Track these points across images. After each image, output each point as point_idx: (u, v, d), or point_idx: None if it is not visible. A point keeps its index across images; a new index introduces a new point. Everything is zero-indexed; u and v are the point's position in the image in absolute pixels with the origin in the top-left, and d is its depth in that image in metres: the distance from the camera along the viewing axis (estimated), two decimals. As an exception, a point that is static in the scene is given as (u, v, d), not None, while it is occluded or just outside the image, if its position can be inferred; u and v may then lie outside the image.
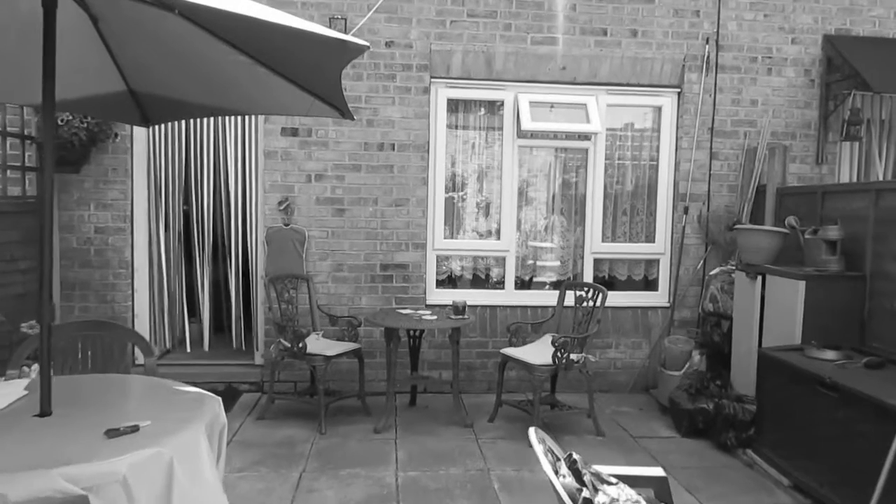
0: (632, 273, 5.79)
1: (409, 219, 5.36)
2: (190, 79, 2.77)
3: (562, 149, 5.69)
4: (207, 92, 2.88)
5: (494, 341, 5.46)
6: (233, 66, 2.53)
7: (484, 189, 5.68)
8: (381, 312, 4.92)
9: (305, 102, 2.74)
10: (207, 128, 5.42)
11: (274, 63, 2.42)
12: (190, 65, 2.66)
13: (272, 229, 5.23)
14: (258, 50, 2.37)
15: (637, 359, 5.63)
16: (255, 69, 2.50)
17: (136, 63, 2.77)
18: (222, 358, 5.57)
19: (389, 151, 5.30)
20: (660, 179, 5.65)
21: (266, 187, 5.25)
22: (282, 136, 5.22)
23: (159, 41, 2.53)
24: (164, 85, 2.88)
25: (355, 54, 2.10)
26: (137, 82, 2.88)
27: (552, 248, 5.76)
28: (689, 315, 5.62)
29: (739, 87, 5.54)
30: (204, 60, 2.59)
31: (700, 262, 5.56)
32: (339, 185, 5.29)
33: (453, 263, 5.69)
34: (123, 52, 2.69)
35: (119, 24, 2.51)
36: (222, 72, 2.66)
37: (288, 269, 5.17)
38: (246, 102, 2.99)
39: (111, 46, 2.64)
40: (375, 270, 5.37)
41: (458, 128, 5.59)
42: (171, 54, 2.63)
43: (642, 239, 5.75)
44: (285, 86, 2.60)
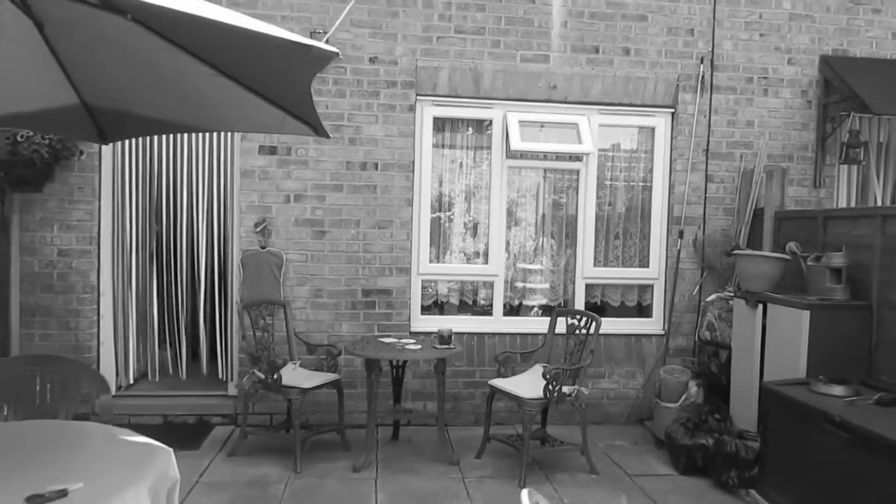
0: (625, 299, 5.57)
1: (393, 242, 5.11)
2: (149, 92, 2.53)
3: (552, 170, 5.48)
4: (169, 107, 2.63)
5: (482, 370, 5.20)
6: (194, 77, 2.29)
7: (471, 211, 5.45)
8: (361, 341, 4.65)
9: (277, 118, 2.50)
10: (181, 145, 5.16)
11: (237, 73, 2.18)
12: (148, 76, 2.41)
13: (248, 252, 4.96)
14: (219, 58, 2.13)
15: (631, 389, 5.38)
16: (218, 80, 2.25)
17: (89, 74, 2.52)
18: (196, 388, 5.25)
19: (372, 171, 5.07)
20: (653, 202, 5.45)
21: (242, 208, 4.99)
22: (259, 154, 4.97)
23: (112, 49, 2.27)
24: (120, 99, 2.63)
25: (324, 61, 1.86)
26: (91, 95, 2.63)
27: (542, 273, 5.53)
28: (685, 343, 5.39)
29: (735, 108, 5.37)
30: (163, 71, 2.35)
31: (696, 288, 5.34)
32: (319, 206, 5.04)
33: (439, 288, 5.44)
34: (73, 61, 2.44)
35: (66, 30, 2.26)
36: (184, 84, 2.41)
37: (264, 295, 4.90)
38: (213, 119, 2.74)
39: (59, 55, 2.39)
40: (357, 296, 5.10)
41: (445, 147, 5.37)
42: (126, 64, 2.38)
43: (636, 263, 5.54)
44: (252, 99, 2.35)
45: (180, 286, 5.30)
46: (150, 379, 5.29)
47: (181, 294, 5.31)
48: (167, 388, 5.23)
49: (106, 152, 4.94)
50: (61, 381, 3.09)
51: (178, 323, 5.29)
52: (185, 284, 5.35)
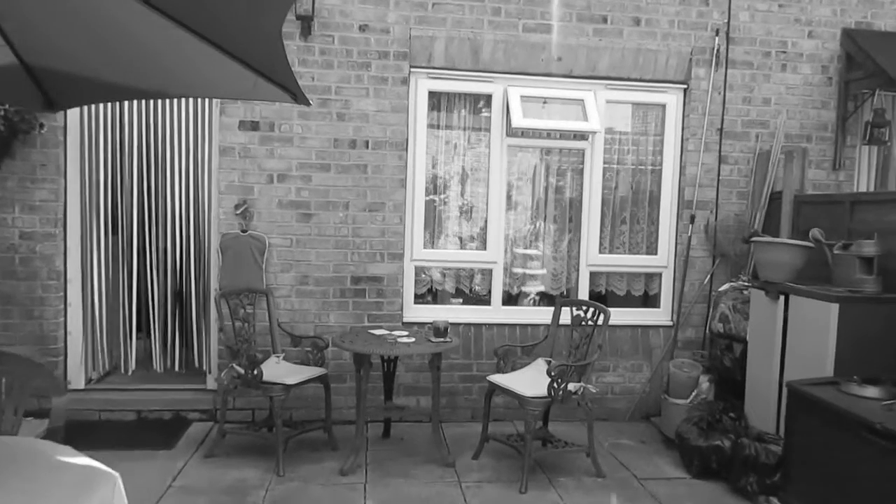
0: (631, 288, 5.24)
1: (385, 226, 4.75)
2: (95, 50, 2.15)
3: (555, 150, 5.12)
4: (123, 68, 2.25)
5: (479, 364, 4.88)
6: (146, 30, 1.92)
7: (468, 193, 5.09)
8: (350, 333, 4.31)
9: (247, 81, 2.13)
10: (155, 119, 4.75)
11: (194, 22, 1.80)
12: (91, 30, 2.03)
13: (228, 236, 4.59)
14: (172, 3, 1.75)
15: (637, 383, 5.07)
16: (175, 34, 1.88)
17: (25, 27, 2.13)
18: (173, 381, 4.90)
19: (363, 149, 4.69)
20: (663, 185, 5.10)
21: (221, 188, 4.61)
22: (240, 130, 4.58)
23: None
24: (65, 58, 2.25)
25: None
26: (31, 54, 2.24)
27: (543, 260, 5.18)
28: (694, 335, 5.07)
29: (751, 84, 5.01)
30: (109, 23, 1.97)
31: (707, 277, 5.02)
32: (304, 186, 4.66)
33: (434, 275, 5.09)
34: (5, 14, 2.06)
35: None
36: (135, 38, 2.03)
37: (245, 282, 4.53)
38: (175, 81, 2.36)
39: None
40: (345, 284, 4.74)
41: (441, 124, 4.99)
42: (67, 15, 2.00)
43: (643, 250, 5.20)
44: (217, 57, 1.98)
45: (156, 271, 4.91)
46: (122, 371, 4.93)
47: (157, 280, 4.93)
48: (141, 382, 4.87)
49: (72, 127, 4.54)
50: (8, 381, 2.72)
51: (154, 311, 4.91)
52: (161, 270, 4.96)
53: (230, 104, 4.54)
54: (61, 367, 4.60)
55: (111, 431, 4.43)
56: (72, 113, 4.52)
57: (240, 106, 4.55)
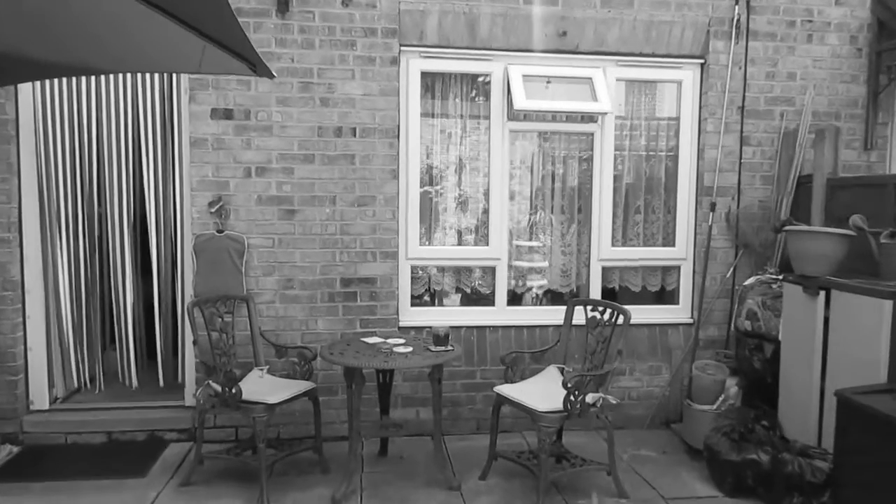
0: (647, 283, 4.81)
1: (376, 221, 4.31)
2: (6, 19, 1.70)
3: (561, 134, 4.67)
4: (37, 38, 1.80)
5: (483, 371, 4.46)
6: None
7: (467, 183, 4.64)
8: (340, 342, 3.87)
9: (193, 48, 1.69)
10: (118, 110, 4.27)
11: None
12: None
13: (202, 237, 4.14)
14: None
15: (655, 387, 4.66)
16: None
17: None
18: (148, 397, 4.46)
19: (349, 138, 4.24)
20: (680, 170, 4.66)
21: (193, 184, 4.15)
22: (212, 119, 4.12)
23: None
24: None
25: None
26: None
27: (549, 256, 4.75)
28: (717, 333, 4.66)
29: (775, 57, 4.57)
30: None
31: (729, 270, 4.60)
32: (286, 180, 4.21)
33: (432, 275, 4.65)
34: None
35: None
36: None
37: (222, 288, 4.09)
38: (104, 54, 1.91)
39: None
40: (335, 287, 4.31)
41: (435, 109, 4.54)
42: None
43: (659, 242, 4.77)
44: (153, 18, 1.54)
45: (126, 278, 4.45)
46: (87, 388, 4.49)
47: (128, 287, 4.47)
48: (113, 399, 4.43)
49: (25, 120, 4.08)
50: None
51: (125, 322, 4.46)
52: (132, 276, 4.50)
53: (200, 90, 4.07)
54: (22, 386, 4.15)
55: (78, 456, 4.00)
56: (24, 104, 4.06)
57: (211, 92, 4.09)
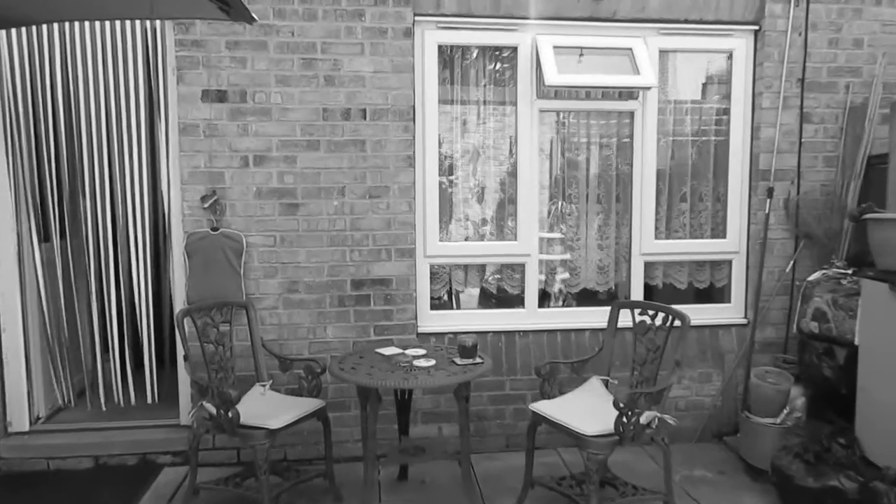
0: (694, 279, 4.30)
1: (391, 215, 3.82)
2: None
3: (597, 113, 4.15)
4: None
5: (513, 381, 3.97)
6: None
7: (489, 172, 4.14)
8: (352, 355, 3.39)
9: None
10: (97, 93, 3.78)
11: None
12: None
13: (195, 236, 3.67)
14: None
15: (706, 396, 4.15)
16: None
17: None
18: (141, 414, 4.00)
19: (359, 121, 3.75)
20: (731, 152, 4.14)
21: (184, 176, 3.68)
22: (203, 101, 3.64)
23: None
24: None
25: None
26: None
27: (585, 249, 4.24)
28: (775, 335, 4.14)
29: (838, 21, 4.03)
30: None
31: (789, 264, 4.07)
32: (288, 169, 3.73)
33: (452, 275, 4.16)
34: None
35: None
36: None
37: (219, 292, 3.63)
38: None
39: None
40: (345, 289, 3.82)
41: (455, 87, 4.04)
42: None
43: (707, 233, 4.26)
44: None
45: (114, 283, 3.98)
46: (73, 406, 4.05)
47: (116, 294, 4.00)
48: (102, 418, 3.98)
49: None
50: None
51: (113, 332, 3.99)
52: (123, 281, 4.03)
53: (188, 69, 3.59)
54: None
55: (61, 485, 3.56)
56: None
57: (201, 71, 3.60)
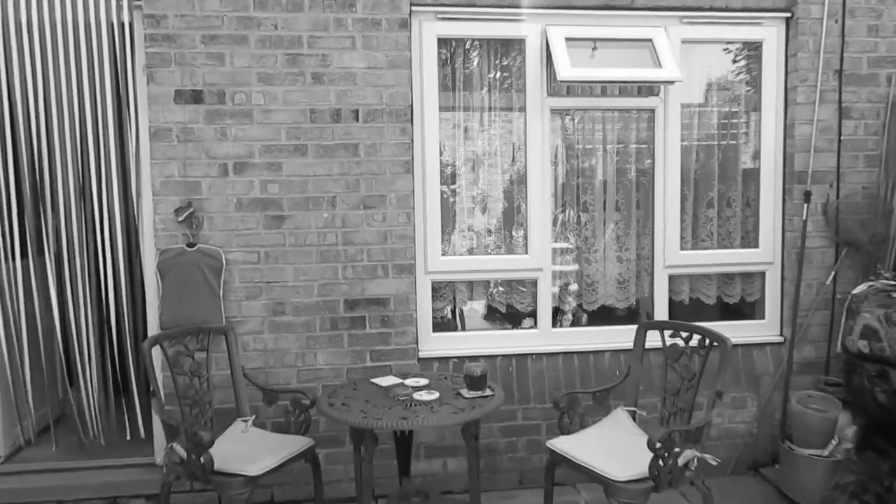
0: (723, 293, 3.90)
1: (387, 227, 3.43)
2: None
3: (614, 112, 3.78)
4: None
5: (526, 410, 3.56)
6: None
7: (497, 178, 3.76)
8: (345, 386, 3.00)
9: None
10: (59, 96, 3.38)
11: None
12: None
13: (169, 253, 3.29)
14: None
15: (739, 423, 3.74)
16: None
17: None
18: (113, 452, 3.59)
19: (351, 122, 3.37)
20: (763, 152, 3.75)
21: (156, 186, 3.30)
22: (177, 103, 3.26)
23: None
24: None
25: None
26: None
27: (604, 262, 3.84)
28: (815, 355, 3.73)
29: (879, 7, 3.65)
30: None
31: (830, 275, 3.67)
32: (272, 178, 3.34)
33: (456, 292, 3.77)
34: None
35: None
36: None
37: (195, 316, 3.24)
38: None
39: None
40: (337, 310, 3.43)
41: (456, 84, 3.67)
42: None
43: (737, 243, 3.86)
44: None
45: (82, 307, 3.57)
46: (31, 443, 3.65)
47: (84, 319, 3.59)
48: (70, 456, 3.58)
49: (-57, 111, 3.25)
50: None
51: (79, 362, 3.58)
52: (91, 304, 3.60)
53: (160, 67, 3.22)
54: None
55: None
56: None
57: (174, 69, 3.23)
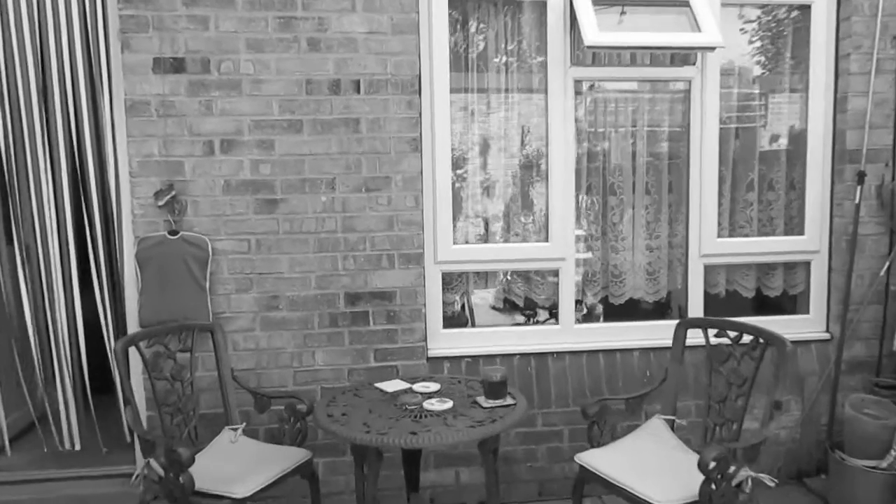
0: (763, 284, 3.53)
1: (392, 212, 3.07)
2: None
3: (645, 83, 3.40)
4: None
5: (546, 415, 3.21)
6: None
7: (516, 158, 3.39)
8: (345, 393, 2.65)
9: None
10: (32, 67, 3.02)
11: None
12: None
13: (148, 241, 2.93)
14: None
15: (783, 428, 3.39)
16: None
17: None
18: (92, 460, 3.27)
19: (351, 94, 3.00)
20: (810, 128, 3.37)
21: (133, 167, 2.94)
22: (155, 73, 2.90)
23: None
24: None
25: None
26: None
27: (633, 251, 3.48)
28: (866, 353, 3.37)
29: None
30: None
31: (884, 266, 3.30)
32: (264, 157, 2.98)
33: (470, 284, 3.42)
34: None
35: None
36: None
37: (178, 312, 2.89)
38: None
39: None
40: (337, 305, 3.08)
41: (469, 52, 3.29)
42: None
43: (780, 229, 3.49)
44: None
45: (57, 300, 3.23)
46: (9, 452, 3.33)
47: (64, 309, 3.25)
48: (45, 465, 3.26)
49: None
50: None
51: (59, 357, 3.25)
52: (65, 297, 3.25)
53: (136, 32, 2.85)
54: None
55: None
56: None
57: (151, 34, 2.86)
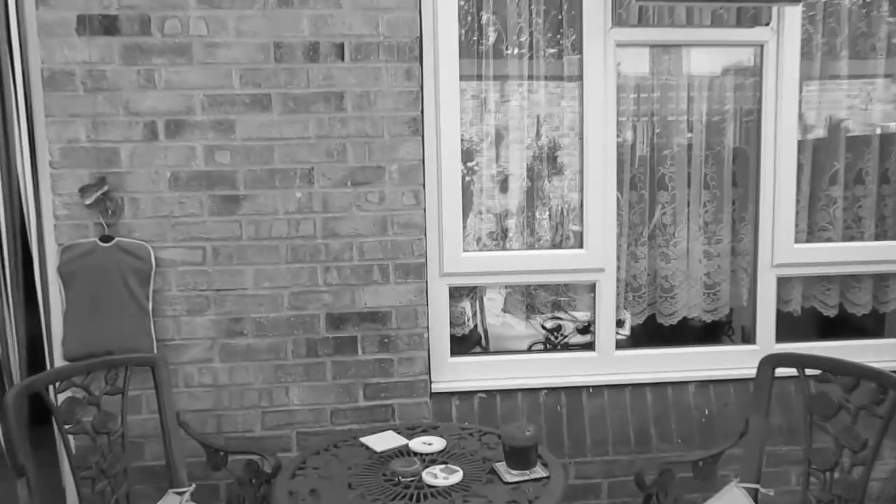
0: (847, 300, 2.85)
1: (387, 211, 2.42)
2: None
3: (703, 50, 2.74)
4: None
5: (581, 466, 2.55)
6: None
7: (540, 146, 2.74)
8: (318, 455, 2.01)
9: None
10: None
11: None
12: None
13: (73, 251, 2.29)
14: None
15: (872, 480, 2.71)
16: None
17: None
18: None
19: (333, 62, 2.35)
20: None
21: (54, 156, 2.30)
22: (80, 35, 2.26)
23: None
24: None
25: None
26: None
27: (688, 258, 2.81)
28: (980, 387, 2.69)
29: None
30: None
31: None
32: (222, 142, 2.34)
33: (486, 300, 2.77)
34: None
35: None
36: None
37: (112, 340, 2.25)
38: None
39: None
40: (317, 329, 2.43)
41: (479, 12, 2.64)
42: None
43: (870, 233, 2.82)
44: None
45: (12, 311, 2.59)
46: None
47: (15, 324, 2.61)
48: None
49: None
50: None
51: None
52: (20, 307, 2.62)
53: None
54: None
55: None
56: None
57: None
